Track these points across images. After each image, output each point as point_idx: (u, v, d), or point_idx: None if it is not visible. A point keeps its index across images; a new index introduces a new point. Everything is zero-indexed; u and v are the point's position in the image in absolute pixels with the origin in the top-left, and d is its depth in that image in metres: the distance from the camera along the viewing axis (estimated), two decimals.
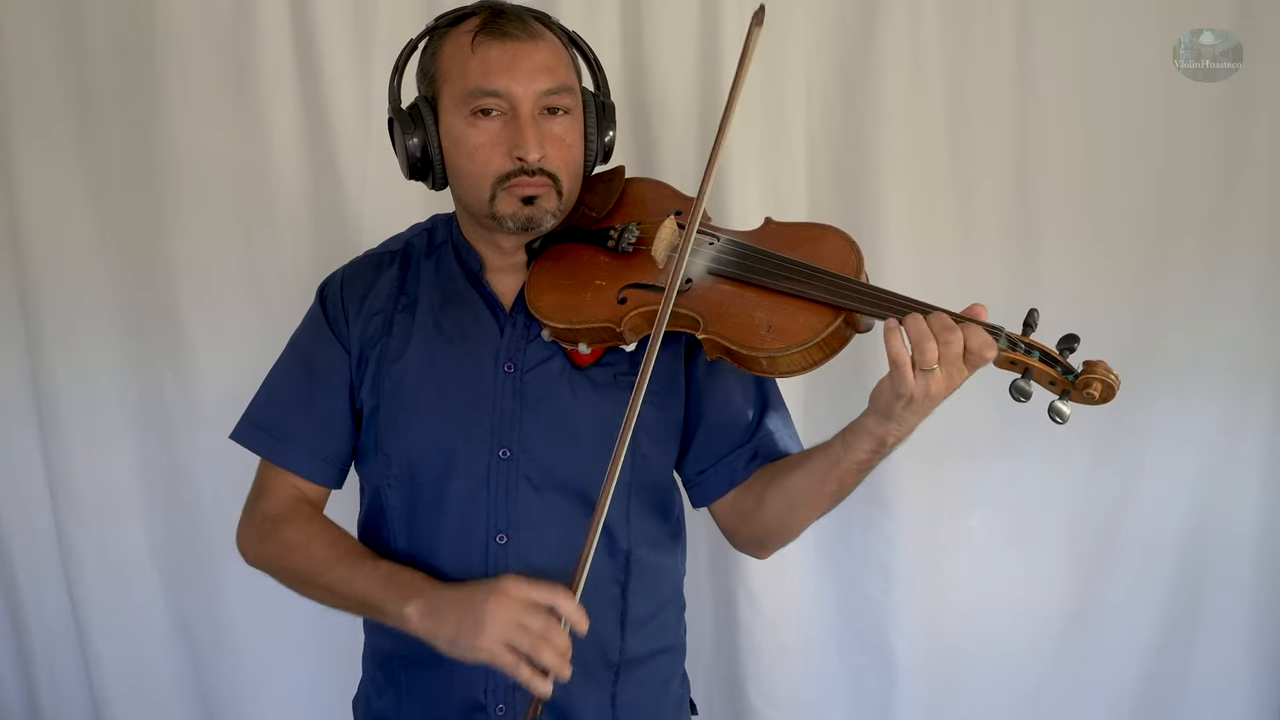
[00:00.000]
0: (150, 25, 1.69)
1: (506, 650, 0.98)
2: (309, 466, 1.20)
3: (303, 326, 1.24)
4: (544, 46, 1.10)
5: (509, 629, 0.98)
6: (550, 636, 0.98)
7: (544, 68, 1.09)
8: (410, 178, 1.17)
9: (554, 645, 0.98)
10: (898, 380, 0.92)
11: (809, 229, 1.10)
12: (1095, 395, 0.92)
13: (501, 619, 0.99)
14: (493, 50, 1.08)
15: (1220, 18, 1.67)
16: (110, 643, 1.88)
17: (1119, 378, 0.93)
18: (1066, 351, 0.94)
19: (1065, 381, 0.93)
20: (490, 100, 1.08)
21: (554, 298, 1.10)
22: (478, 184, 1.10)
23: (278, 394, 1.22)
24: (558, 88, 1.09)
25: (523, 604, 0.99)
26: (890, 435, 0.97)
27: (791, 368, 1.00)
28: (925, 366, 0.91)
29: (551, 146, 1.09)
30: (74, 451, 1.83)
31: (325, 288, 1.23)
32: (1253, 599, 1.84)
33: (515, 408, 1.12)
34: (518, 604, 0.99)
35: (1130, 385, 1.72)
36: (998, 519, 1.82)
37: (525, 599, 1.00)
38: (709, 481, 1.17)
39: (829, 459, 1.03)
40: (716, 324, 1.02)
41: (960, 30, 1.68)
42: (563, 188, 1.11)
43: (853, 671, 1.86)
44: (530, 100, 1.08)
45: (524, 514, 1.12)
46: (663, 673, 1.23)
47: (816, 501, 1.07)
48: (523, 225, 1.11)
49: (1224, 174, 1.72)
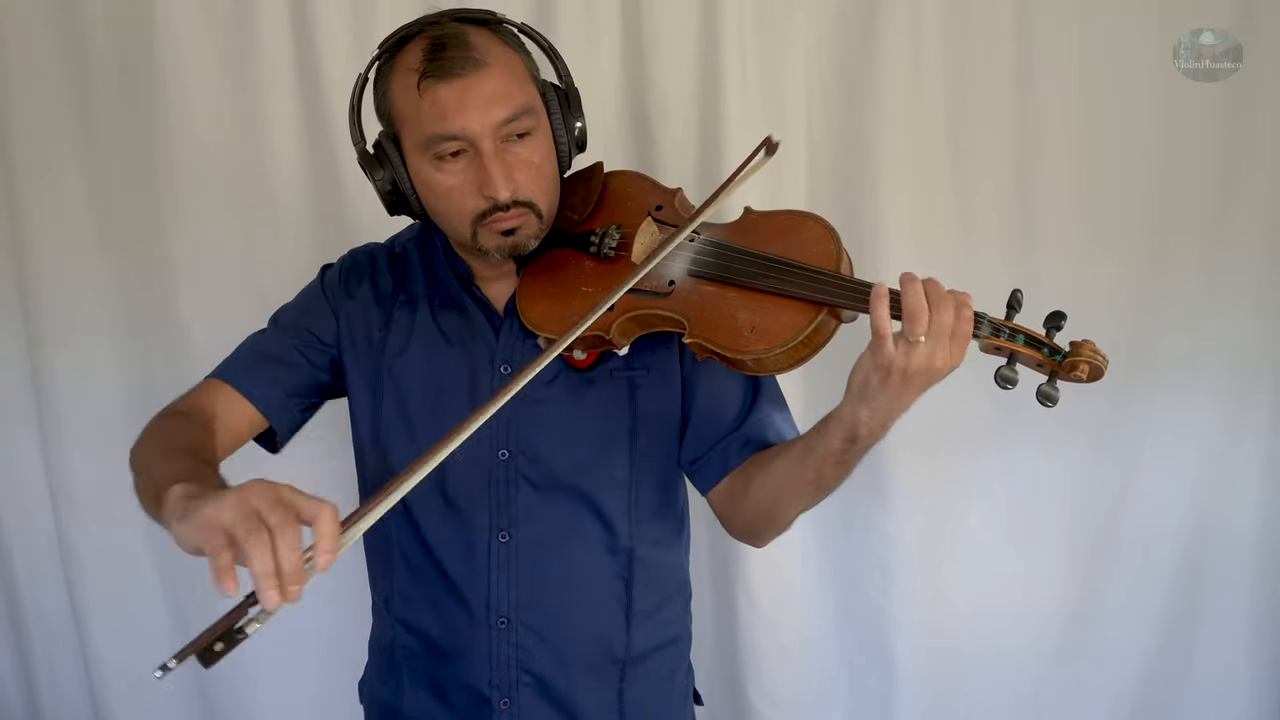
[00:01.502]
0: (150, 25, 1.69)
1: (217, 533, 0.76)
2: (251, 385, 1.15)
3: (293, 299, 1.25)
4: (492, 72, 1.04)
5: (238, 512, 0.77)
6: (278, 536, 0.75)
7: (497, 97, 1.03)
8: (392, 214, 1.15)
9: (274, 544, 0.75)
10: (878, 351, 0.90)
11: (788, 218, 1.08)
12: (1083, 376, 0.90)
13: (235, 501, 0.78)
14: (440, 91, 1.02)
15: (1220, 18, 1.67)
16: (110, 643, 1.88)
17: (1107, 357, 0.90)
18: (1053, 330, 0.92)
19: (1052, 363, 0.91)
20: (450, 144, 1.04)
21: (543, 307, 1.10)
22: (456, 224, 1.09)
23: (245, 344, 1.21)
24: (515, 113, 1.04)
25: (272, 499, 0.77)
26: (863, 424, 0.94)
27: (779, 366, 1.00)
28: (913, 336, 0.88)
29: (521, 174, 1.06)
30: (74, 451, 1.83)
31: (327, 268, 1.25)
32: (1253, 599, 1.84)
33: (512, 409, 1.12)
34: (268, 495, 0.78)
35: (1130, 385, 1.74)
36: (998, 519, 1.82)
37: (279, 496, 0.78)
38: (703, 469, 1.17)
39: (805, 447, 1.02)
40: (701, 327, 1.02)
41: (960, 30, 1.68)
42: (542, 210, 1.09)
43: (853, 671, 1.86)
44: (489, 134, 1.03)
45: (525, 513, 1.13)
46: (668, 665, 1.23)
47: (798, 490, 1.05)
48: (508, 254, 1.10)
49: (1224, 174, 1.72)
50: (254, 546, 0.74)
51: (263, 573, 0.73)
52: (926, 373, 0.90)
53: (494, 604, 1.14)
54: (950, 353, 0.89)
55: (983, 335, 0.91)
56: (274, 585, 0.73)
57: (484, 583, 1.14)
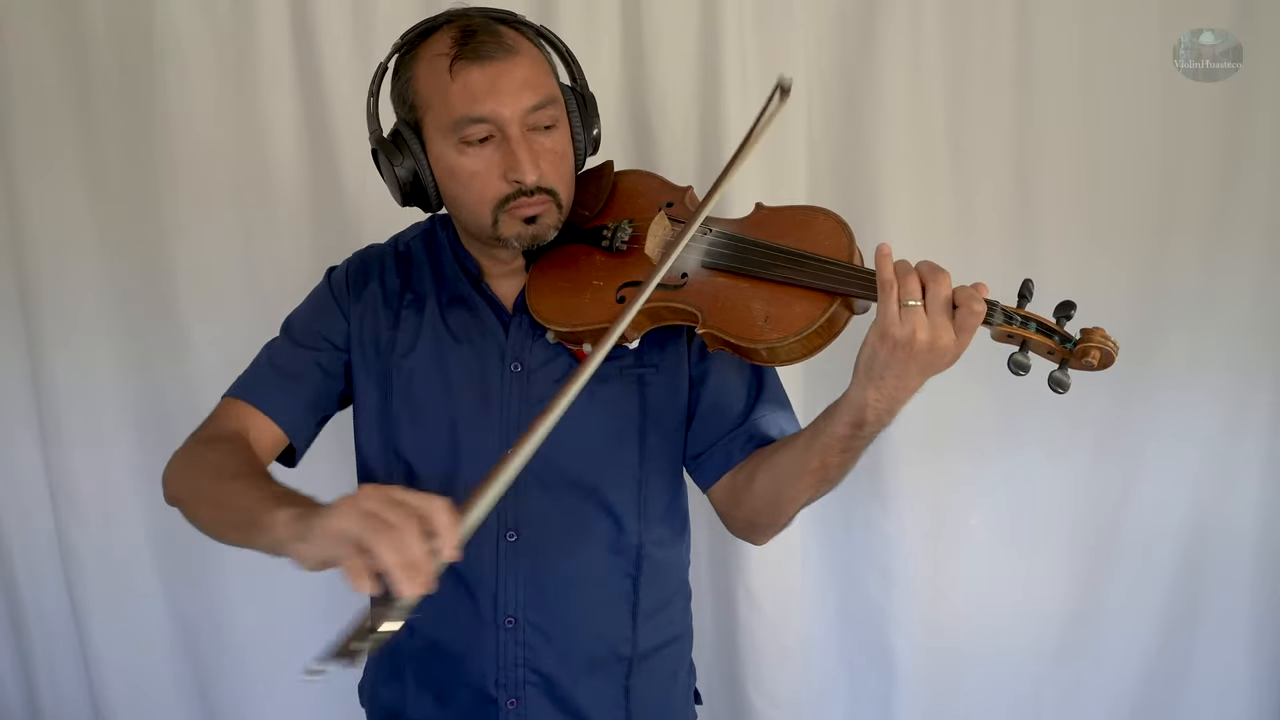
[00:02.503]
0: (150, 25, 1.69)
1: (343, 541, 0.78)
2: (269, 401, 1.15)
3: (302, 304, 1.24)
4: (522, 60, 1.07)
5: (355, 516, 0.79)
6: (401, 533, 0.77)
7: (527, 84, 1.06)
8: (405, 205, 1.16)
9: (399, 542, 0.77)
10: (883, 314, 0.91)
11: (799, 212, 1.10)
12: (1094, 363, 0.91)
13: (352, 508, 0.80)
14: (473, 74, 1.05)
15: (1220, 18, 1.67)
16: (110, 643, 1.88)
17: (1117, 344, 0.92)
18: (1063, 319, 0.93)
19: (1063, 350, 0.92)
20: (479, 128, 1.06)
21: (554, 301, 1.11)
22: (478, 210, 1.10)
23: (261, 358, 1.21)
24: (543, 101, 1.07)
25: (385, 499, 0.80)
26: (869, 406, 0.94)
27: (792, 355, 1.00)
28: (906, 300, 0.89)
29: (545, 162, 1.08)
30: (74, 451, 1.83)
31: (333, 270, 1.25)
32: (1253, 599, 1.84)
33: (523, 407, 1.13)
34: (379, 497, 0.80)
35: (1130, 385, 1.74)
36: (998, 519, 1.82)
37: (390, 496, 0.80)
38: (706, 464, 1.17)
39: (811, 433, 1.02)
40: (715, 317, 1.02)
41: (960, 30, 1.68)
42: (561, 200, 1.11)
43: (853, 671, 1.86)
44: (518, 120, 1.06)
45: (533, 511, 1.13)
46: (672, 663, 1.23)
47: (801, 479, 1.04)
48: (528, 244, 1.11)
49: (1224, 174, 1.72)
50: (383, 546, 0.76)
51: (396, 565, 0.76)
52: (930, 350, 0.90)
53: (502, 604, 1.14)
54: (955, 333, 0.90)
55: (996, 323, 0.92)
56: (408, 576, 0.76)
57: (492, 582, 1.14)
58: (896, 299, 0.90)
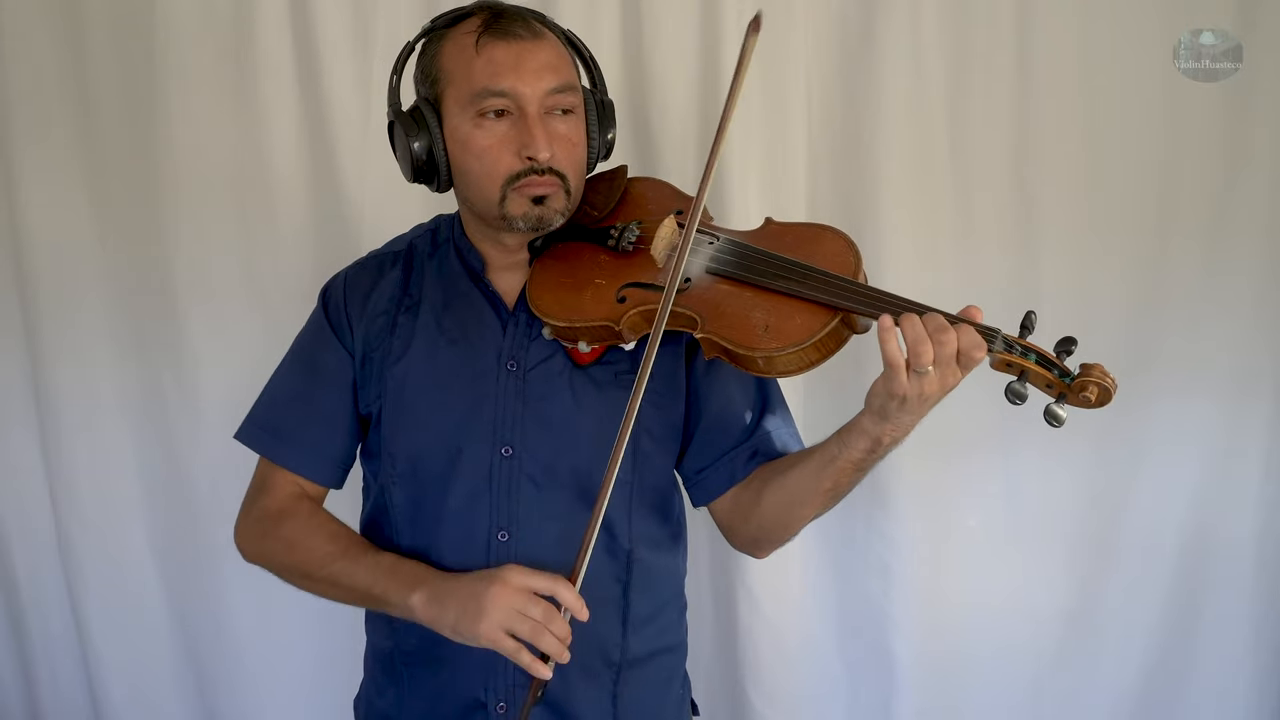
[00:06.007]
0: (150, 25, 1.69)
1: (506, 636, 1.01)
2: (309, 465, 1.20)
3: (305, 329, 1.25)
4: (547, 45, 1.11)
5: (509, 616, 1.01)
6: (550, 623, 1.01)
7: (549, 66, 1.09)
8: (414, 181, 1.16)
9: (554, 631, 1.00)
10: (891, 380, 0.92)
11: (808, 229, 1.10)
12: (1091, 399, 0.91)
13: (502, 606, 1.01)
14: (498, 50, 1.08)
15: (1220, 18, 1.67)
16: (110, 643, 1.88)
17: (1115, 381, 0.92)
18: (1064, 354, 0.94)
19: (1061, 385, 0.93)
20: (498, 101, 1.08)
21: (555, 296, 1.11)
22: (487, 185, 1.10)
23: (279, 395, 1.23)
24: (563, 86, 1.10)
25: (523, 592, 1.02)
26: (886, 435, 0.97)
27: (788, 367, 1.01)
28: (920, 368, 0.90)
29: (559, 146, 1.10)
30: (74, 451, 1.83)
31: (328, 290, 1.24)
32: (1253, 599, 1.84)
33: (517, 406, 1.13)
34: (518, 592, 1.02)
35: (1130, 386, 1.72)
36: (998, 519, 1.82)
37: (526, 586, 1.02)
38: (709, 480, 1.17)
39: (825, 457, 1.03)
40: (714, 323, 1.02)
41: (960, 30, 1.68)
42: (570, 187, 1.12)
43: (853, 671, 1.86)
44: (537, 99, 1.08)
45: (525, 511, 1.13)
46: (664, 673, 1.23)
47: (813, 500, 1.07)
48: (533, 225, 1.11)
49: (1224, 174, 1.72)
50: (542, 643, 1.01)
51: (554, 652, 1.01)
52: (941, 390, 0.93)
53: None
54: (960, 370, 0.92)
55: (996, 350, 0.92)
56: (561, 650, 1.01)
57: None
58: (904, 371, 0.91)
